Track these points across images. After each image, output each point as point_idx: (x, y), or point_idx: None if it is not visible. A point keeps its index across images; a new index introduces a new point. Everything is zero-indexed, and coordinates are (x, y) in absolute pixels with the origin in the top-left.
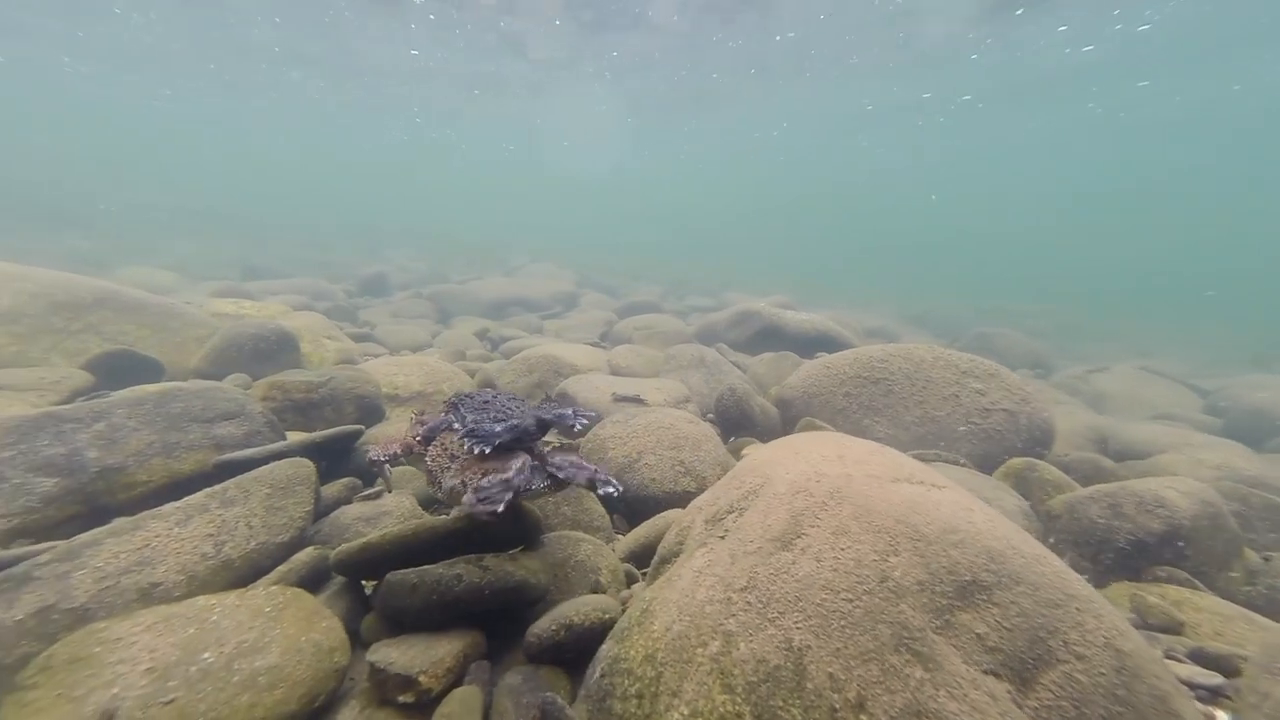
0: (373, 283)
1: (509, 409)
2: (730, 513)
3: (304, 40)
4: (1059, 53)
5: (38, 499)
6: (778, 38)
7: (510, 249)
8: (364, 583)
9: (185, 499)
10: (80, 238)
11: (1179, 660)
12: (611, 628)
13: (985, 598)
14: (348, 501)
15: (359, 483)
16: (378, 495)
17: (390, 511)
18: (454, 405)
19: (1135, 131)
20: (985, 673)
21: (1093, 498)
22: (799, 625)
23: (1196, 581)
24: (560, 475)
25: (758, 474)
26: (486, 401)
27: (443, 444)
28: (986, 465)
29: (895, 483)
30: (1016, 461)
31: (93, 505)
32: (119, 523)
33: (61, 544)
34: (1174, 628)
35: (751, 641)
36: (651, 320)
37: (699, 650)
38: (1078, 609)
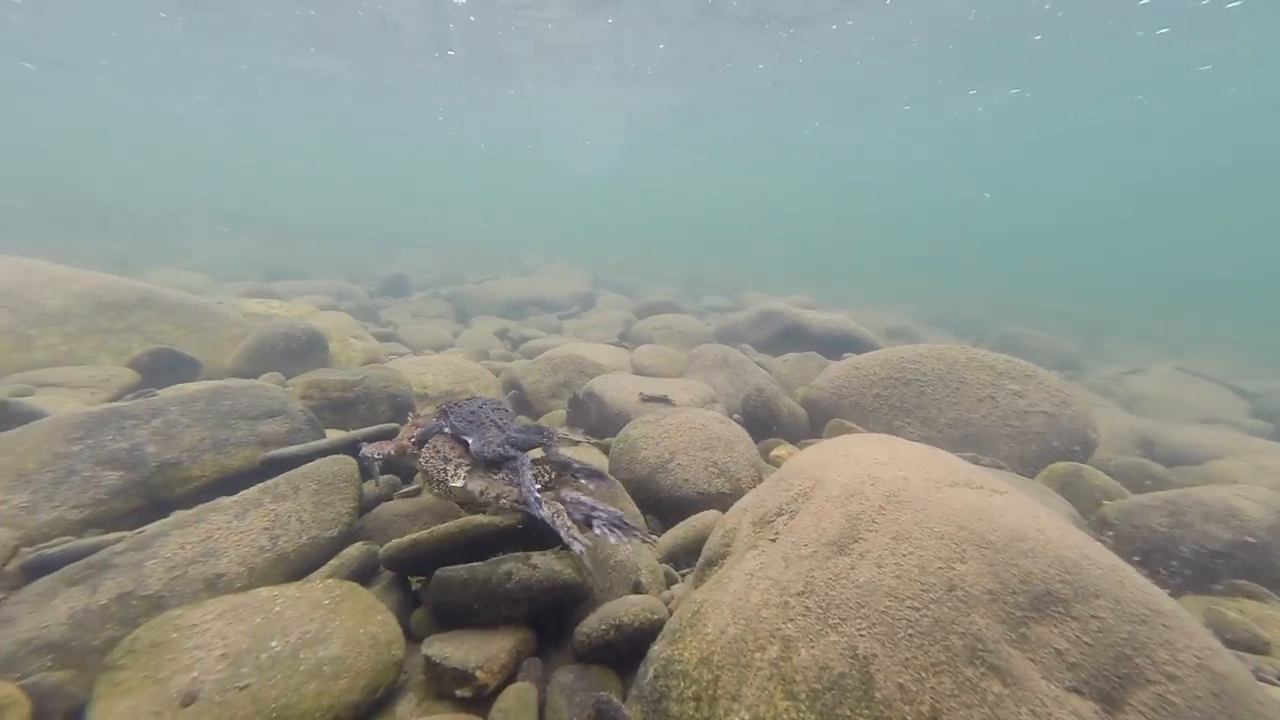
0: (393, 283)
1: (494, 419)
2: (780, 515)
3: (332, 39)
4: (1130, 35)
5: (105, 491)
6: (834, 26)
7: (522, 250)
8: (409, 578)
9: (240, 494)
10: (112, 240)
11: (1271, 683)
12: (660, 628)
13: (1062, 610)
14: (388, 498)
15: (398, 480)
16: (417, 493)
17: (430, 508)
18: (444, 412)
19: (1183, 124)
20: (1068, 690)
21: (1152, 505)
22: (863, 633)
23: (1276, 596)
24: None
25: (807, 476)
26: (474, 412)
27: (435, 447)
28: (1027, 469)
29: (954, 487)
30: (1061, 465)
31: (153, 498)
32: (180, 515)
33: (131, 534)
34: (1259, 646)
35: (813, 648)
36: (671, 320)
37: (757, 655)
38: (1164, 625)
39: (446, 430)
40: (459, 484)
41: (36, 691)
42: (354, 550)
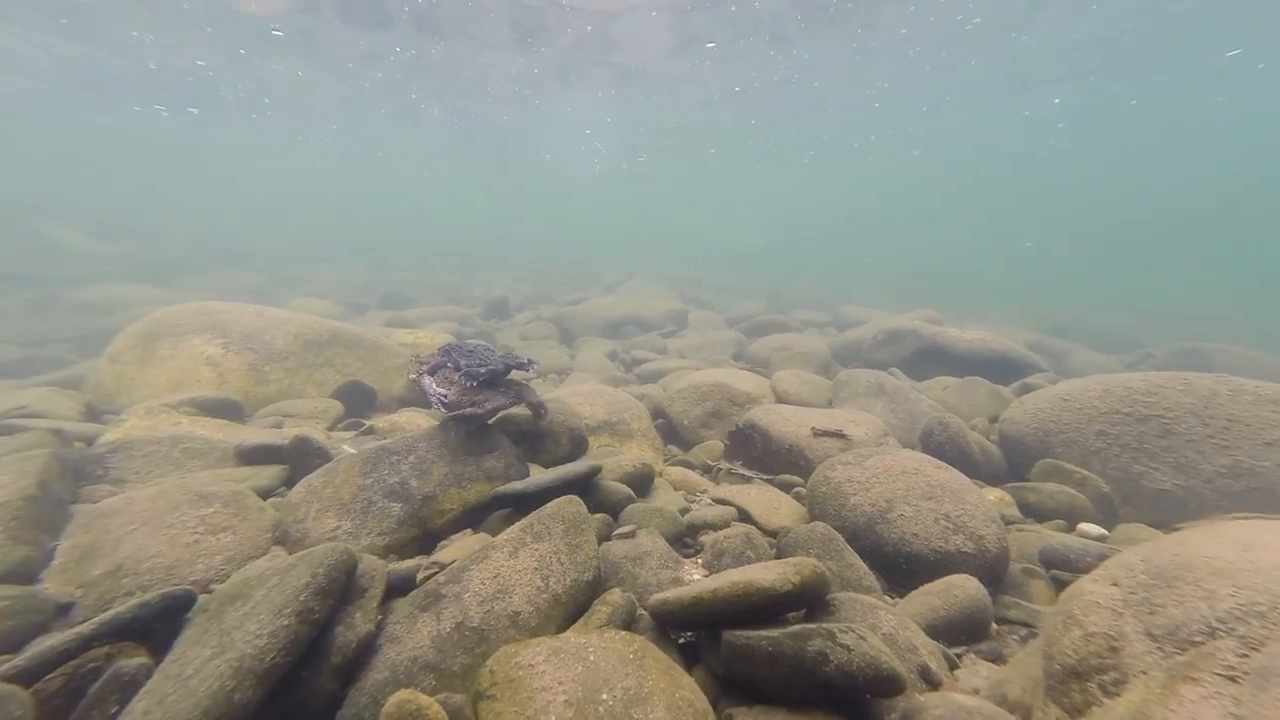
0: (497, 306)
1: (487, 358)
2: (1218, 637)
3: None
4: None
5: (394, 521)
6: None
7: (600, 265)
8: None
9: (505, 532)
10: (254, 273)
11: None
12: None
13: None
14: (606, 538)
15: (611, 519)
16: (632, 534)
17: (650, 552)
18: (447, 352)
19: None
20: None
21: None
22: None
23: None
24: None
25: (1244, 585)
26: (472, 350)
27: (443, 376)
28: None
29: None
30: None
31: (423, 528)
32: (468, 551)
33: (426, 560)
34: None
35: None
36: (787, 340)
37: None
38: None
39: (449, 365)
40: (454, 398)
41: (448, 709)
42: (617, 597)
